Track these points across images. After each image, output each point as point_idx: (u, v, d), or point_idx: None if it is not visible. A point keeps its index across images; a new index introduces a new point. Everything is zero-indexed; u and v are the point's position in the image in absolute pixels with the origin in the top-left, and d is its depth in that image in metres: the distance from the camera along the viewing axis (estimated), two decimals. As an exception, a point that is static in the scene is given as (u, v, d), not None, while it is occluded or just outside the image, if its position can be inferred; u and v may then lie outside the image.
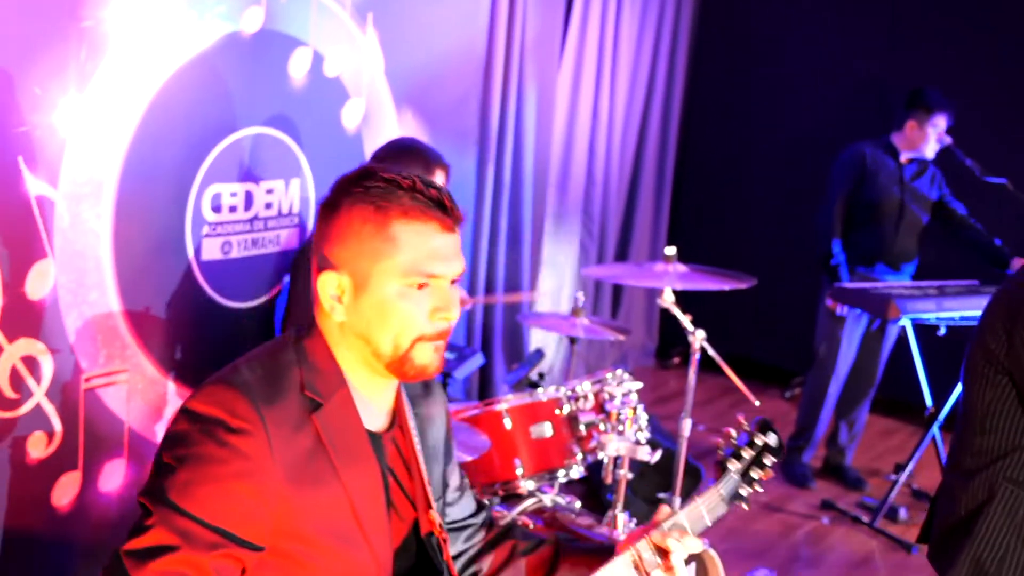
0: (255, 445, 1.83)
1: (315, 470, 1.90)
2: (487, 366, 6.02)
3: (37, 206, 3.44)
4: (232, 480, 1.82)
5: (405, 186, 1.92)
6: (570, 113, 6.63)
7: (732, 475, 2.27)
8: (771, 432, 2.31)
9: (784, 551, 5.19)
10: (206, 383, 1.91)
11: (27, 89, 3.34)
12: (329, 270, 1.94)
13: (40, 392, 3.56)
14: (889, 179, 5.66)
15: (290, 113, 4.25)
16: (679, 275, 4.09)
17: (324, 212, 1.97)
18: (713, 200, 7.95)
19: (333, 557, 1.94)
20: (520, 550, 2.33)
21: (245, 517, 1.84)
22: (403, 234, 1.91)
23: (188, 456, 1.83)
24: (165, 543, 1.80)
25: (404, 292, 1.92)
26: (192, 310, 4.01)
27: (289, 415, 1.89)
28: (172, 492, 1.81)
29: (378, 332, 1.94)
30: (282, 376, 1.92)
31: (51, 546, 3.72)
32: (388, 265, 1.91)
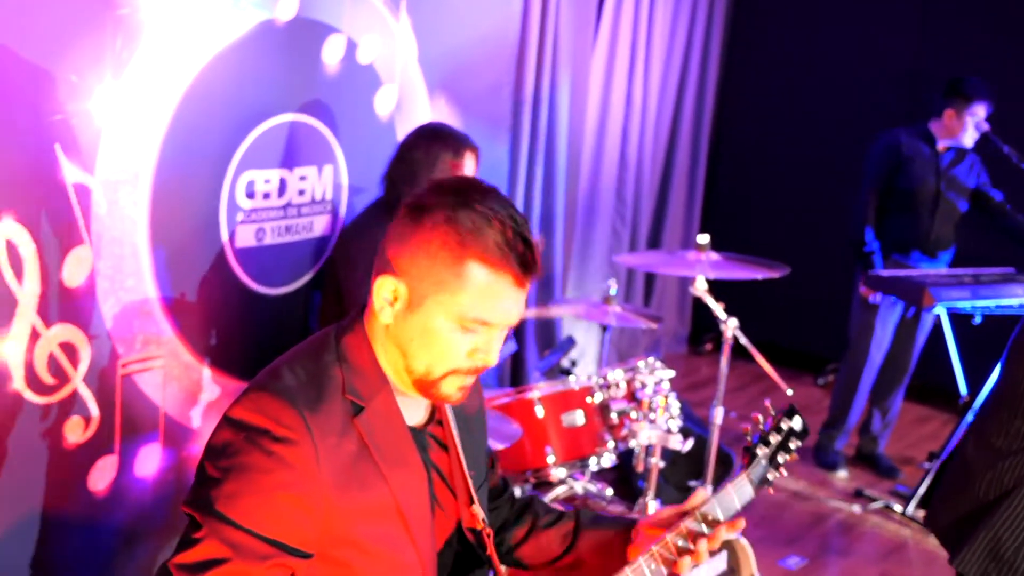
0: (301, 454, 1.81)
1: (360, 474, 1.88)
2: (519, 353, 6.03)
3: (74, 193, 3.47)
4: (279, 490, 1.80)
5: (496, 228, 1.85)
6: (603, 99, 6.61)
7: (760, 460, 2.31)
8: (796, 416, 2.35)
9: (816, 539, 5.18)
10: (249, 389, 1.89)
11: (63, 77, 3.37)
12: (390, 275, 1.90)
13: (78, 377, 3.59)
14: (925, 166, 5.63)
15: (324, 100, 4.27)
16: (712, 263, 4.08)
17: (410, 214, 1.91)
18: (746, 187, 7.92)
19: (380, 560, 1.93)
20: (541, 524, 2.33)
21: (294, 526, 1.82)
22: (474, 276, 1.86)
23: (234, 466, 1.81)
24: (216, 555, 1.79)
25: (453, 328, 1.89)
26: (227, 296, 4.04)
27: (333, 421, 1.87)
28: (219, 503, 1.79)
29: (416, 352, 1.92)
30: (324, 379, 1.90)
31: (88, 529, 3.76)
32: (447, 300, 1.87)
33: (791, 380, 6.49)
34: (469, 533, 2.12)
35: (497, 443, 3.39)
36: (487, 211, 1.86)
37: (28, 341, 3.42)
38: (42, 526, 3.61)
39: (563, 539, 2.30)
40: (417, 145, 3.97)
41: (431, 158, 3.90)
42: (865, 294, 5.64)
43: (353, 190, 4.45)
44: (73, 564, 3.75)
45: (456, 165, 3.92)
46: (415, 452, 1.99)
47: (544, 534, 2.32)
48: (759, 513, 5.38)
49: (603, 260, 6.87)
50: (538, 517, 2.34)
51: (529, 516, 2.34)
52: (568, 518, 2.33)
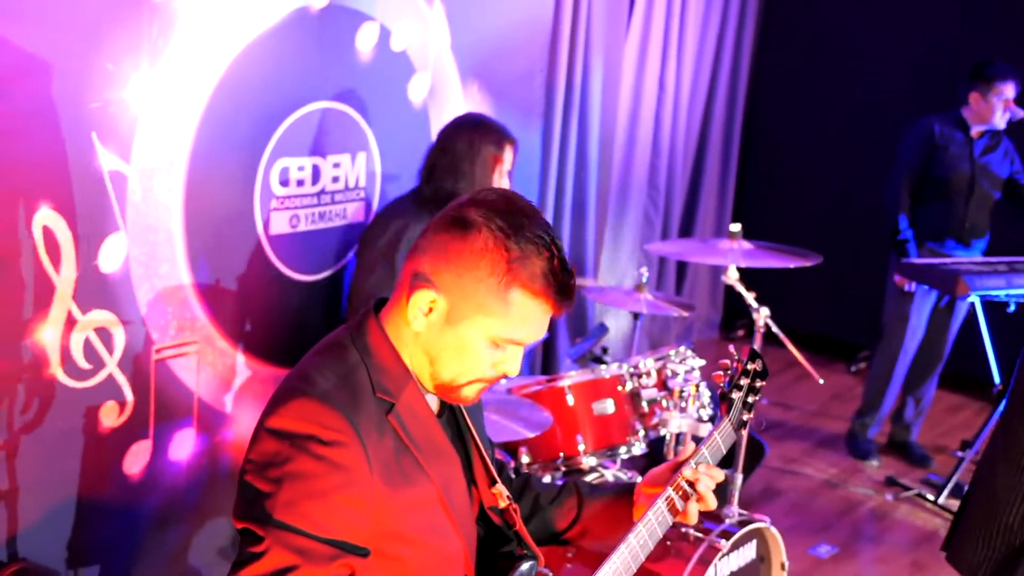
0: (351, 455, 1.83)
1: (404, 469, 1.91)
2: (550, 340, 6.04)
3: (110, 181, 3.50)
4: (335, 492, 1.82)
5: (544, 256, 1.88)
6: (636, 85, 6.60)
7: (736, 404, 2.41)
8: (758, 359, 2.47)
9: (847, 527, 5.17)
10: (283, 398, 1.89)
11: (100, 66, 3.40)
12: (430, 288, 1.91)
13: (112, 363, 3.63)
14: (959, 154, 5.60)
15: (357, 87, 4.28)
16: (744, 252, 4.08)
17: (454, 228, 1.91)
18: (779, 173, 7.88)
19: (428, 550, 1.96)
20: (544, 501, 2.36)
21: (352, 525, 1.84)
22: (518, 304, 1.90)
23: (286, 475, 1.82)
24: (284, 564, 1.80)
25: (486, 345, 1.93)
26: (260, 283, 4.07)
27: (371, 420, 1.89)
28: (279, 512, 1.80)
29: (446, 362, 1.95)
30: (354, 380, 1.91)
31: (122, 512, 3.81)
32: (488, 322, 1.91)
33: (823, 367, 6.52)
34: (492, 513, 2.15)
35: (528, 431, 3.40)
36: (535, 239, 1.88)
37: (64, 327, 3.46)
38: (78, 509, 3.66)
39: (567, 512, 2.34)
40: (459, 136, 3.98)
41: (473, 150, 3.92)
42: (900, 283, 5.63)
43: (386, 177, 4.47)
44: (108, 546, 3.79)
45: (497, 158, 3.94)
46: (447, 441, 2.03)
47: (548, 510, 2.35)
48: (790, 501, 5.39)
49: (635, 247, 6.87)
50: (539, 494, 2.37)
51: (530, 494, 2.37)
52: (569, 491, 2.37)
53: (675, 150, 7.10)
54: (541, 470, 3.71)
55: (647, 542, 2.17)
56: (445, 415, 2.10)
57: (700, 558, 3.29)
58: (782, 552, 3.65)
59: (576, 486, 2.37)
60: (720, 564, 3.38)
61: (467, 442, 2.13)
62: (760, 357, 2.48)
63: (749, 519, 3.53)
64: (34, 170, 3.30)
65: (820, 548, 4.92)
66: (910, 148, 5.70)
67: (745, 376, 2.44)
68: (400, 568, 1.94)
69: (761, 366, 2.47)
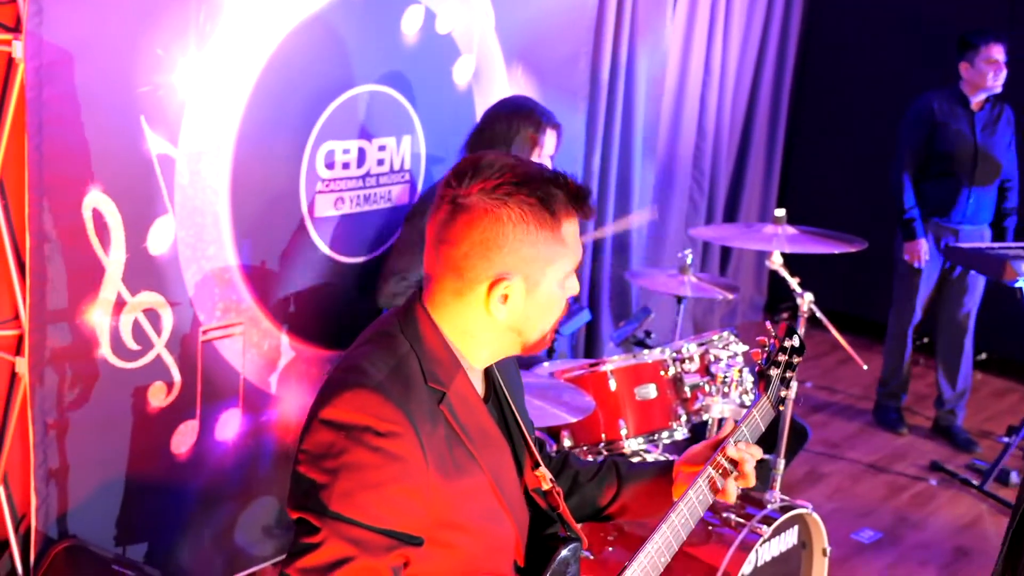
0: (406, 445, 1.84)
1: (457, 458, 1.92)
2: (593, 322, 6.05)
3: (158, 164, 3.54)
4: (392, 483, 1.83)
5: (560, 183, 1.94)
6: (681, 67, 6.57)
7: (775, 381, 2.43)
8: (795, 335, 2.48)
9: (890, 512, 5.15)
10: (336, 389, 1.89)
11: (149, 50, 3.43)
12: (504, 280, 1.92)
13: (160, 344, 3.68)
14: (960, 128, 5.71)
15: (402, 70, 4.30)
16: (788, 237, 4.07)
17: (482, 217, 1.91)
18: (826, 157, 7.83)
19: (482, 537, 1.97)
20: (583, 478, 2.37)
21: (408, 515, 1.85)
22: (569, 235, 1.96)
23: (342, 466, 1.82)
24: (341, 555, 1.81)
25: (563, 284, 1.99)
26: (306, 265, 4.11)
27: (424, 409, 1.89)
28: (335, 503, 1.81)
29: (535, 323, 2.00)
30: (406, 370, 1.92)
31: (170, 491, 3.86)
32: (557, 267, 1.96)
33: (868, 350, 6.48)
34: (535, 495, 2.16)
35: (570, 416, 3.41)
36: (539, 176, 1.93)
37: (113, 308, 3.51)
38: (126, 487, 3.72)
39: (607, 490, 2.36)
40: (499, 119, 3.97)
41: (512, 132, 3.91)
42: (910, 260, 5.78)
43: (431, 159, 4.48)
44: (156, 524, 3.85)
45: (536, 140, 3.93)
46: (495, 427, 2.05)
47: (588, 487, 2.36)
48: (833, 485, 5.37)
49: (680, 230, 6.85)
50: (579, 471, 2.39)
51: (570, 471, 2.39)
52: (608, 469, 2.38)
53: (720, 133, 7.07)
54: (583, 454, 3.72)
55: (688, 520, 2.19)
56: (491, 399, 2.11)
57: (741, 544, 3.30)
58: (824, 538, 3.65)
59: (615, 464, 2.38)
60: (761, 550, 3.39)
61: (511, 426, 2.14)
62: (796, 333, 2.49)
63: (791, 505, 3.53)
64: (84, 154, 3.35)
65: (863, 533, 4.91)
66: (911, 126, 5.82)
67: (783, 353, 2.46)
68: (454, 555, 1.95)
69: (798, 342, 2.48)
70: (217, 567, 4.05)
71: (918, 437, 6.04)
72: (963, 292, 5.87)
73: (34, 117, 3.19)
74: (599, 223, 6.03)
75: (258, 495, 4.13)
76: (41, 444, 3.43)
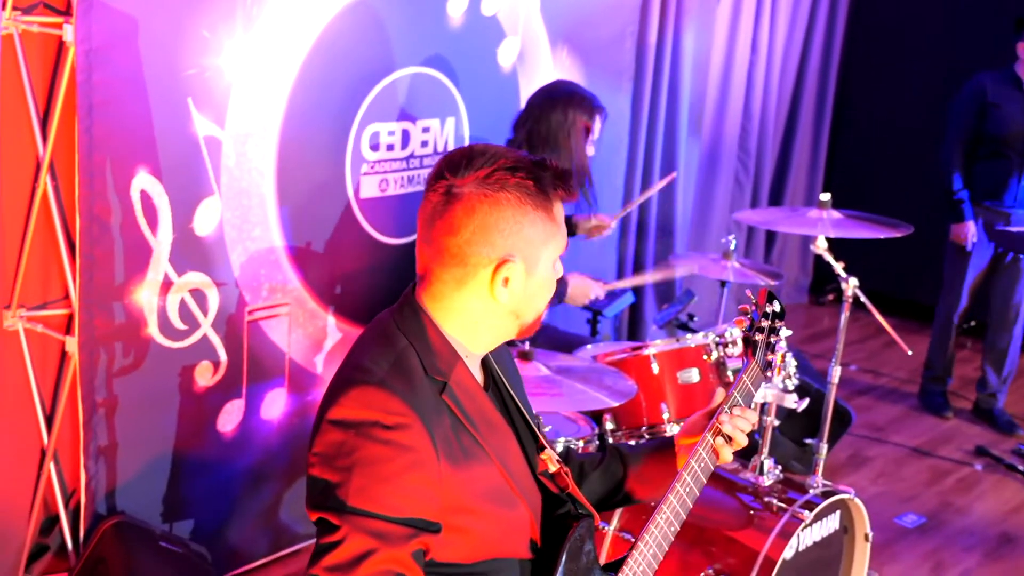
0: (416, 436, 1.87)
1: (464, 445, 1.95)
2: (637, 305, 6.05)
3: (205, 146, 3.58)
4: (405, 473, 1.86)
5: (543, 165, 1.99)
6: (728, 47, 6.53)
7: (760, 346, 2.47)
8: (775, 300, 2.53)
9: (934, 497, 5.13)
10: (343, 389, 1.92)
11: (196, 33, 3.46)
12: (506, 262, 1.95)
13: (207, 324, 3.72)
14: (1013, 110, 5.62)
15: (447, 53, 4.31)
16: (833, 222, 4.04)
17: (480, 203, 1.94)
18: (873, 139, 7.75)
19: (496, 520, 2.00)
20: (588, 468, 2.40)
21: (424, 504, 1.88)
22: (558, 214, 2.01)
23: (355, 463, 1.85)
24: (363, 549, 1.83)
25: (555, 265, 2.04)
26: (350, 246, 4.13)
27: (428, 400, 1.93)
28: (352, 499, 1.84)
29: (532, 305, 2.03)
30: (407, 364, 1.95)
31: (216, 469, 3.91)
32: (553, 246, 2.01)
33: (915, 333, 6.45)
34: (543, 478, 2.19)
35: (612, 400, 3.42)
36: (525, 160, 1.98)
37: (160, 288, 3.56)
38: (173, 465, 3.77)
39: (611, 477, 2.40)
40: (555, 108, 4.06)
41: (568, 122, 4.03)
42: (959, 240, 5.73)
43: (475, 141, 4.47)
44: (202, 501, 3.90)
45: (588, 127, 4.07)
46: (497, 413, 2.08)
47: (593, 476, 2.40)
48: (876, 469, 5.35)
49: (724, 211, 6.83)
50: (583, 462, 2.42)
51: (574, 463, 2.41)
52: (611, 455, 2.41)
53: (767, 114, 7.03)
54: (625, 437, 3.73)
55: (692, 489, 2.24)
56: (490, 387, 2.14)
57: (782, 529, 3.30)
58: (866, 523, 3.64)
59: (617, 450, 2.42)
60: (803, 535, 3.39)
61: (512, 412, 2.17)
62: (776, 299, 2.55)
63: (833, 490, 3.53)
64: (132, 136, 3.39)
65: (906, 517, 4.89)
66: (962, 107, 5.75)
67: (765, 318, 2.50)
68: (470, 539, 1.98)
69: (779, 307, 2.53)
70: (262, 544, 4.11)
71: (963, 421, 6.00)
72: (1016, 278, 5.80)
73: (84, 100, 3.24)
74: (643, 207, 6.01)
75: (303, 473, 4.14)
76: (90, 422, 3.49)
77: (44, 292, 3.58)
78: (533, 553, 2.10)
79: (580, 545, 2.12)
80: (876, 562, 4.32)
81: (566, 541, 2.10)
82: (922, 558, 4.58)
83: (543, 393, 3.36)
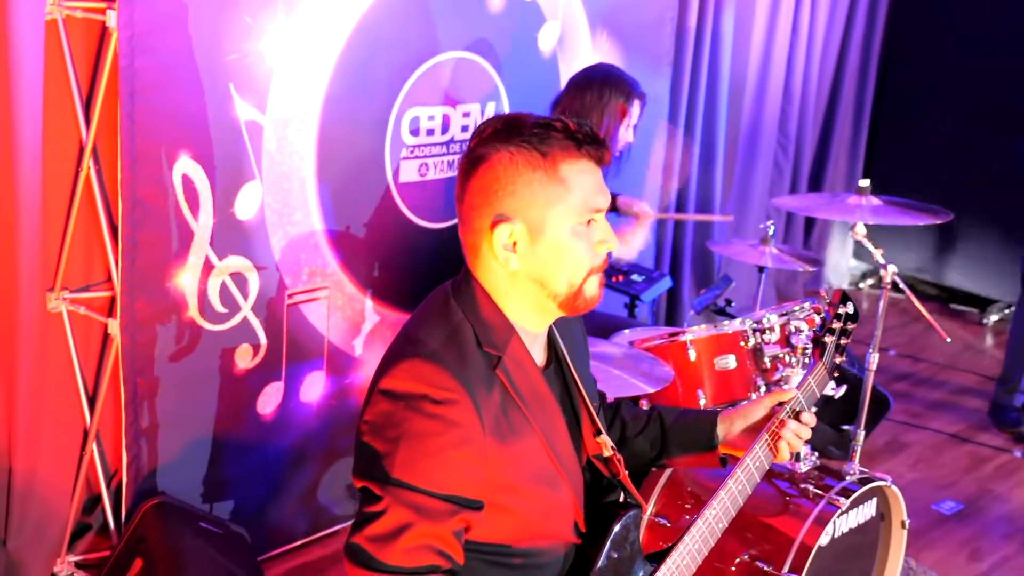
0: (463, 411, 1.88)
1: (512, 422, 1.96)
2: (675, 289, 6.04)
3: (246, 131, 3.60)
4: (450, 448, 1.87)
5: (559, 127, 1.96)
6: (768, 30, 6.47)
7: (829, 348, 2.49)
8: (849, 301, 2.52)
9: (973, 484, 5.10)
10: (393, 360, 1.95)
11: (238, 18, 3.48)
12: (503, 222, 1.96)
13: (247, 307, 3.75)
14: None
15: (487, 37, 4.31)
16: (872, 209, 4.02)
17: (476, 169, 1.98)
18: (915, 124, 7.67)
19: (538, 499, 2.01)
20: (630, 432, 2.43)
21: (468, 480, 1.90)
22: (571, 174, 1.97)
23: (402, 435, 1.87)
24: (404, 521, 1.86)
25: (577, 231, 1.99)
26: (390, 230, 4.15)
27: (479, 375, 1.94)
28: (396, 471, 1.86)
29: (555, 273, 2.00)
30: (460, 337, 1.97)
31: (255, 450, 3.95)
32: (563, 208, 1.97)
33: (956, 319, 6.42)
34: (596, 461, 2.20)
35: (649, 386, 3.43)
36: (537, 122, 1.97)
37: (202, 272, 3.59)
38: (214, 446, 3.82)
39: (652, 444, 2.42)
40: (590, 87, 4.05)
41: (603, 102, 4.01)
42: None
43: (515, 126, 4.49)
44: (242, 482, 3.95)
45: (624, 110, 4.04)
46: (549, 392, 2.08)
47: (635, 441, 2.42)
48: (915, 455, 5.33)
49: (763, 196, 6.79)
50: (626, 427, 2.44)
51: (618, 423, 2.44)
52: (654, 422, 2.43)
53: (807, 97, 6.97)
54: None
55: (745, 487, 2.26)
56: (552, 367, 2.14)
57: (818, 516, 3.30)
58: (903, 510, 3.63)
59: (661, 417, 2.43)
60: (839, 521, 3.38)
61: (573, 393, 2.17)
62: (850, 300, 2.51)
63: (870, 477, 3.52)
64: (174, 121, 3.42)
65: (944, 504, 4.87)
66: None
67: (837, 320, 2.49)
68: (513, 518, 1.99)
69: (852, 309, 2.51)
70: (301, 525, 4.15)
71: (1003, 408, 5.95)
72: None
73: (127, 85, 3.27)
74: (682, 192, 5.99)
75: (341, 455, 4.21)
76: (132, 403, 3.53)
77: (87, 275, 3.63)
78: (577, 538, 2.11)
79: (625, 535, 2.13)
80: (913, 549, 4.30)
81: (611, 530, 2.11)
82: (959, 545, 4.56)
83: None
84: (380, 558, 1.86)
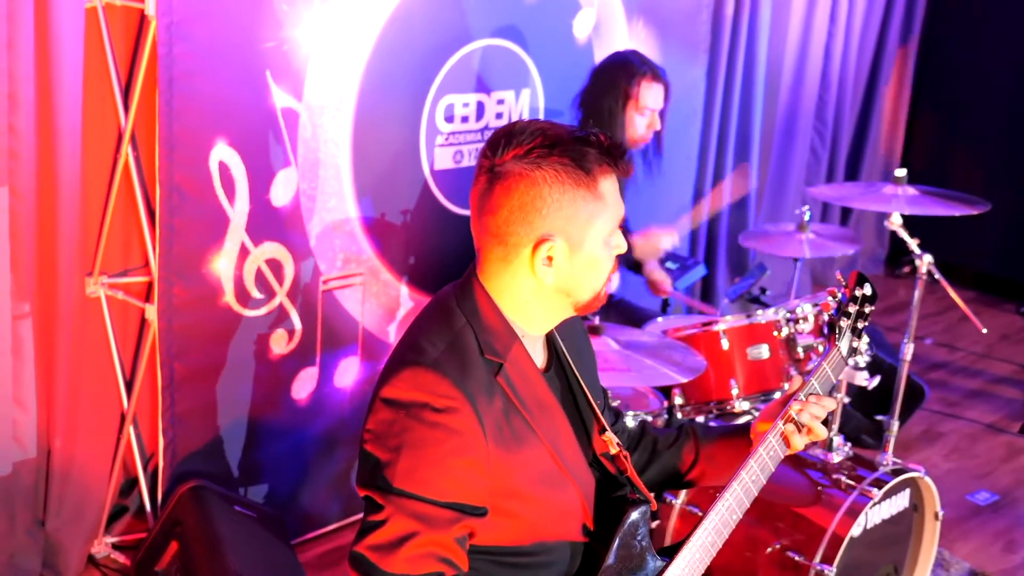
0: (464, 419, 1.88)
1: (515, 429, 1.96)
2: (709, 277, 6.02)
3: (282, 118, 3.62)
4: (452, 456, 1.87)
5: (591, 141, 1.96)
6: (806, 17, 6.43)
7: (846, 332, 2.42)
8: (867, 283, 2.45)
9: (1008, 475, 5.07)
10: (395, 368, 1.94)
11: (275, 6, 3.50)
12: (544, 241, 1.95)
13: (282, 293, 3.78)
14: None
15: (522, 24, 4.31)
16: (908, 199, 3.99)
17: (517, 181, 1.94)
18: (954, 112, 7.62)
19: (545, 504, 2.01)
20: (662, 446, 2.39)
21: (470, 487, 1.90)
22: (606, 190, 1.97)
23: (403, 443, 1.87)
24: (406, 531, 1.86)
25: (608, 242, 2.01)
26: (425, 217, 4.17)
27: (481, 383, 1.93)
28: (398, 481, 1.86)
29: (584, 283, 2.01)
30: (463, 344, 1.96)
31: (290, 435, 3.99)
32: (599, 225, 1.97)
33: (992, 308, 6.37)
34: (604, 459, 2.19)
35: (681, 376, 3.43)
36: (570, 135, 1.95)
37: (238, 258, 3.62)
38: (248, 431, 3.85)
39: (685, 456, 2.38)
40: (603, 72, 4.15)
41: (611, 86, 4.09)
42: None
43: (549, 113, 4.50)
44: (276, 466, 3.98)
45: (628, 93, 4.09)
46: (551, 395, 2.07)
47: (667, 455, 2.39)
48: (950, 445, 5.31)
49: (800, 183, 6.77)
50: (657, 441, 2.41)
51: (648, 439, 2.42)
52: (686, 434, 2.40)
53: (844, 84, 6.93)
54: (693, 412, 3.74)
55: (759, 477, 2.22)
56: (553, 368, 2.14)
57: (850, 507, 3.30)
58: (936, 502, 3.62)
59: (692, 430, 2.40)
60: (871, 512, 3.38)
61: (576, 393, 2.17)
62: (868, 281, 2.46)
63: (903, 468, 3.51)
64: (211, 108, 3.44)
65: (979, 495, 4.84)
66: None
67: (853, 303, 2.43)
68: (519, 523, 1.99)
69: (870, 291, 2.45)
70: (334, 509, 4.17)
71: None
72: None
73: (165, 73, 3.29)
74: (718, 176, 5.97)
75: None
76: (168, 387, 3.57)
77: (125, 260, 3.67)
78: (585, 536, 2.11)
79: (634, 531, 2.12)
80: (947, 539, 4.29)
81: (620, 526, 2.10)
82: (994, 536, 4.54)
83: (612, 368, 3.38)
84: (383, 567, 1.87)
